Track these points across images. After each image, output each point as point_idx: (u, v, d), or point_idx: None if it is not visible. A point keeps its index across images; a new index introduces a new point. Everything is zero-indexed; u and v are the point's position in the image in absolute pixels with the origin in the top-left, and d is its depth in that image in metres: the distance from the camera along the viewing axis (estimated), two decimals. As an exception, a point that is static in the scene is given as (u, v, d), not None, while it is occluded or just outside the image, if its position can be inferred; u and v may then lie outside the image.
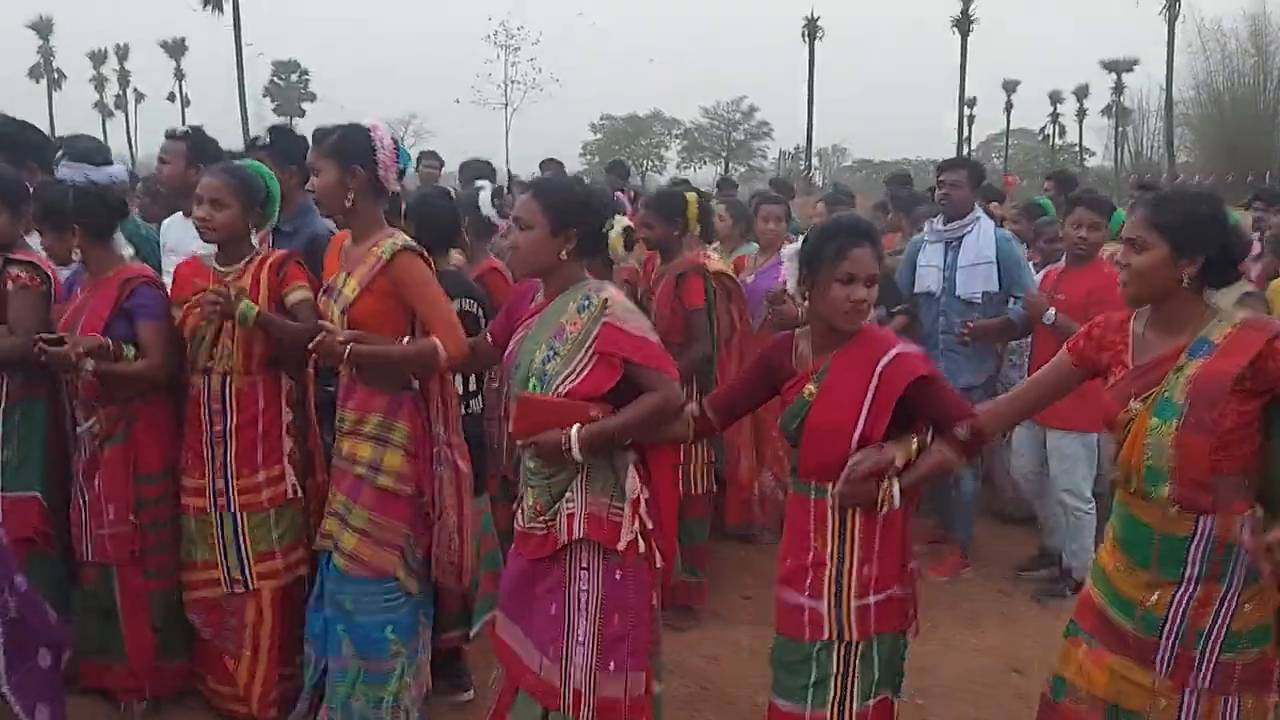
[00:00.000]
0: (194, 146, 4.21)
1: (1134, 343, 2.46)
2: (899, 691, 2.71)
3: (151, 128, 59.13)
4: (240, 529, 3.37)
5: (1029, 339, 5.02)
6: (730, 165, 59.72)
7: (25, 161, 4.15)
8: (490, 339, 3.06)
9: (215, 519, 3.38)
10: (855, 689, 2.57)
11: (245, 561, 3.38)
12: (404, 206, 3.80)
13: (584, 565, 2.72)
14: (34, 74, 58.98)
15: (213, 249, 3.40)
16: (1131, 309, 2.50)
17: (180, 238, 4.02)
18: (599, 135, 61.58)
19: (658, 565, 2.78)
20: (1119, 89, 57.36)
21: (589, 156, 60.28)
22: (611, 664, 2.70)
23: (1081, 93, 62.59)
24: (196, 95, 61.75)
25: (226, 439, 3.35)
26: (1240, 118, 39.37)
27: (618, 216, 2.85)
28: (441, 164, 8.75)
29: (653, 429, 2.71)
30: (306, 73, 63.54)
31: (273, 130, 4.18)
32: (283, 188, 3.62)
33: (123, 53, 61.46)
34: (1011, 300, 4.99)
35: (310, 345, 3.03)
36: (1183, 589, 2.34)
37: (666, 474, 2.83)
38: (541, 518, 2.74)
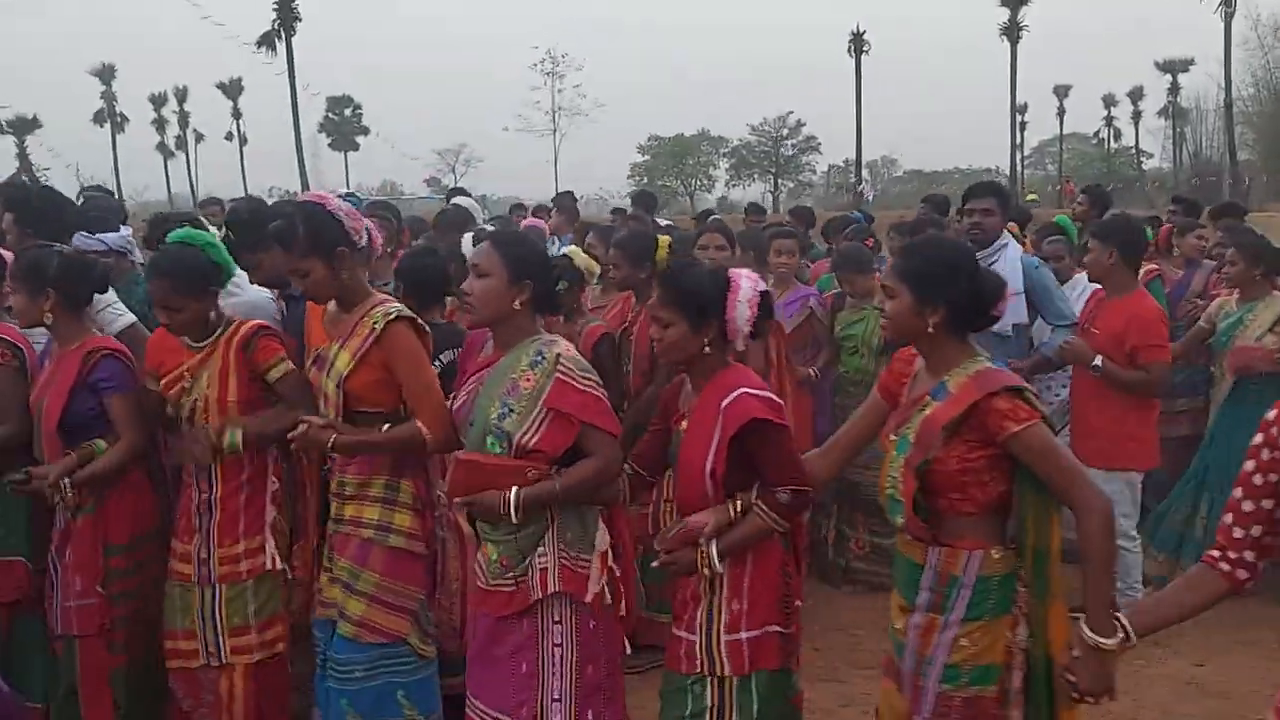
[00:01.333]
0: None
1: (911, 381, 2.57)
2: None
3: (211, 167, 60.74)
4: (218, 600, 3.26)
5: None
6: (779, 181, 59.51)
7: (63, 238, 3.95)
8: None
9: (197, 590, 3.28)
10: None
11: (220, 634, 3.26)
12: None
13: (557, 619, 2.73)
14: (98, 119, 60.70)
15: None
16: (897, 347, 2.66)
17: None
18: (646, 157, 61.76)
19: (622, 614, 2.84)
20: (1175, 89, 56.24)
21: (637, 178, 60.51)
22: (590, 715, 2.74)
23: (1136, 94, 61.42)
24: (254, 134, 63.21)
25: (212, 508, 3.27)
26: (1302, 113, 38.41)
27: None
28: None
29: (591, 493, 2.75)
30: (359, 107, 64.65)
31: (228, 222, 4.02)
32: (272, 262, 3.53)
33: (182, 94, 62.94)
34: (1050, 330, 4.79)
35: (291, 437, 3.01)
36: (915, 615, 2.45)
37: (623, 524, 2.90)
38: (510, 573, 2.73)
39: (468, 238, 4.28)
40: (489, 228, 5.31)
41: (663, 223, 8.20)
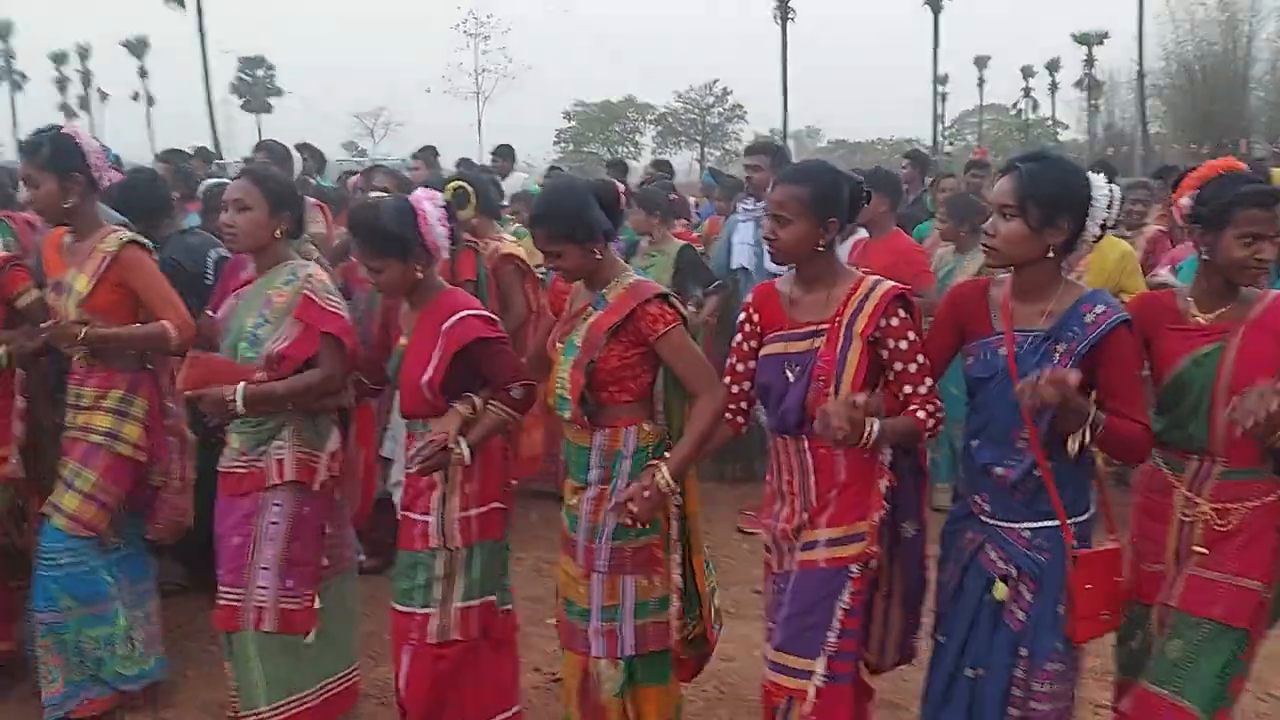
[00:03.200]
0: None
1: (571, 297, 3.01)
2: (504, 598, 3.14)
3: (118, 127, 58.40)
4: None
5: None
6: (705, 149, 59.49)
7: None
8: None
9: None
10: (457, 591, 3.01)
11: None
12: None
13: (277, 502, 3.14)
14: (-6, 76, 58.10)
15: None
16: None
17: None
18: (573, 122, 61.20)
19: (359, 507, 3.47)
20: (1090, 61, 57.43)
21: (564, 144, 59.91)
22: (290, 582, 3.16)
23: (1053, 66, 62.63)
24: (162, 95, 61.00)
25: None
26: (1211, 87, 39.45)
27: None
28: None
29: (314, 398, 3.15)
30: (273, 68, 62.81)
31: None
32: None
33: (84, 52, 60.64)
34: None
35: (44, 327, 3.30)
36: (588, 490, 2.88)
37: (367, 427, 3.43)
38: (245, 457, 3.14)
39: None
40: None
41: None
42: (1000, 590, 2.58)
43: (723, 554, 4.91)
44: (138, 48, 59.87)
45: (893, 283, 2.65)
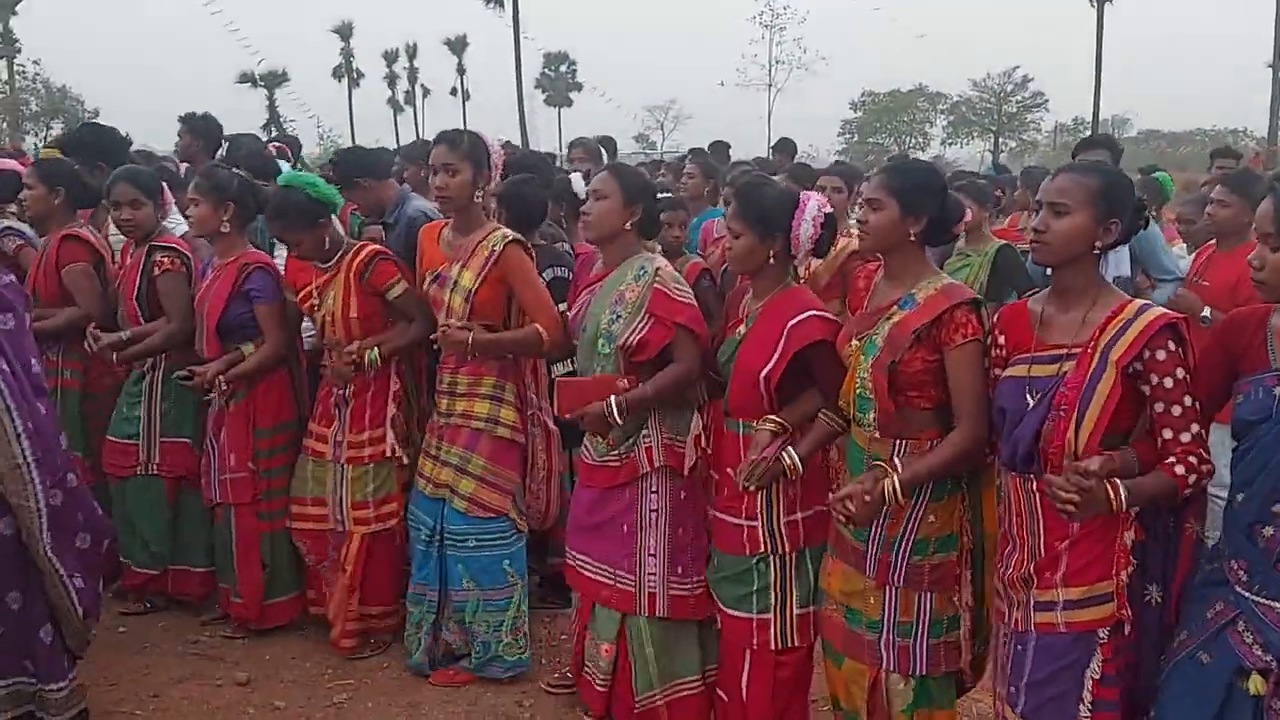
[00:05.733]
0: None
1: (870, 295, 2.87)
2: (822, 601, 3.01)
3: (437, 122, 63.57)
4: (344, 478, 3.86)
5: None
6: (1000, 140, 56.62)
7: (96, 162, 4.86)
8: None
9: (331, 466, 3.88)
10: (794, 597, 3.03)
11: (344, 507, 3.87)
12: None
13: (654, 489, 3.25)
14: (337, 74, 64.71)
15: None
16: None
17: None
18: (859, 113, 60.13)
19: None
20: None
21: (848, 135, 59.05)
22: (679, 567, 3.25)
23: None
24: (475, 90, 65.58)
25: (347, 402, 3.85)
26: None
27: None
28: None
29: (678, 392, 3.21)
30: (574, 64, 65.99)
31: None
32: (371, 194, 4.37)
33: (412, 51, 66.15)
34: (1151, 286, 4.80)
35: (434, 337, 3.58)
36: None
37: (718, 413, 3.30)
38: (615, 452, 3.26)
39: (578, 179, 4.66)
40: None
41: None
42: (1258, 684, 2.19)
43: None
44: (457, 46, 64.83)
45: (1164, 310, 2.38)
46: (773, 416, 2.98)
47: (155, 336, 4.07)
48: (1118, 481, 2.23)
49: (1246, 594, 2.23)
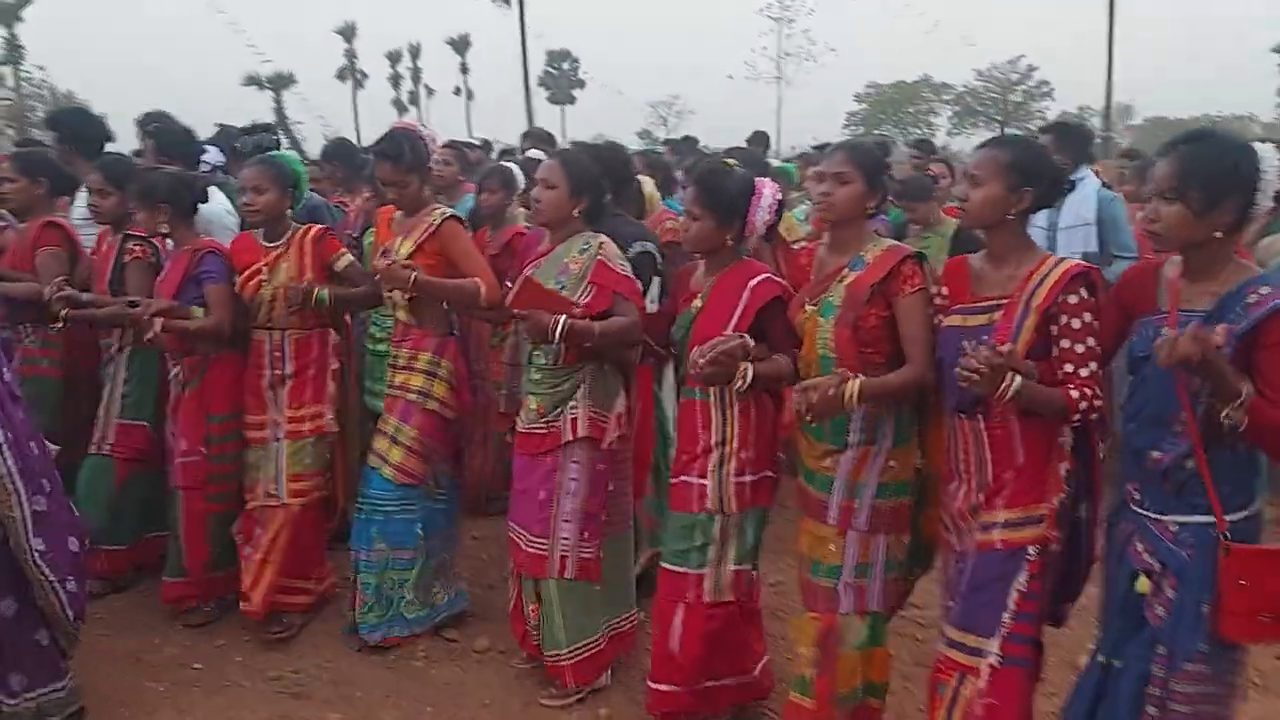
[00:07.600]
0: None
1: (816, 265, 3.08)
2: (756, 562, 3.25)
3: (441, 121, 63.66)
4: (281, 453, 3.97)
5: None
6: (1005, 129, 56.38)
7: (70, 145, 4.92)
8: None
9: (273, 449, 3.98)
10: (730, 554, 3.15)
11: (280, 480, 3.97)
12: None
13: (575, 459, 3.45)
14: (341, 75, 64.83)
15: None
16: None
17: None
18: (864, 105, 60.01)
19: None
20: None
21: (853, 127, 58.90)
22: (586, 533, 3.48)
23: None
24: (477, 89, 65.62)
25: (284, 381, 3.97)
26: None
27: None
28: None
29: (619, 343, 3.40)
30: (577, 61, 65.96)
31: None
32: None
33: (415, 51, 66.25)
34: (1108, 263, 4.90)
35: (379, 273, 3.73)
36: (848, 452, 2.92)
37: (645, 390, 3.51)
38: (544, 419, 3.46)
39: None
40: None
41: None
42: (1143, 584, 2.51)
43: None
44: (460, 45, 64.91)
45: (1078, 261, 2.64)
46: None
47: (111, 308, 4.11)
48: (1018, 376, 2.44)
49: (1140, 511, 2.55)
